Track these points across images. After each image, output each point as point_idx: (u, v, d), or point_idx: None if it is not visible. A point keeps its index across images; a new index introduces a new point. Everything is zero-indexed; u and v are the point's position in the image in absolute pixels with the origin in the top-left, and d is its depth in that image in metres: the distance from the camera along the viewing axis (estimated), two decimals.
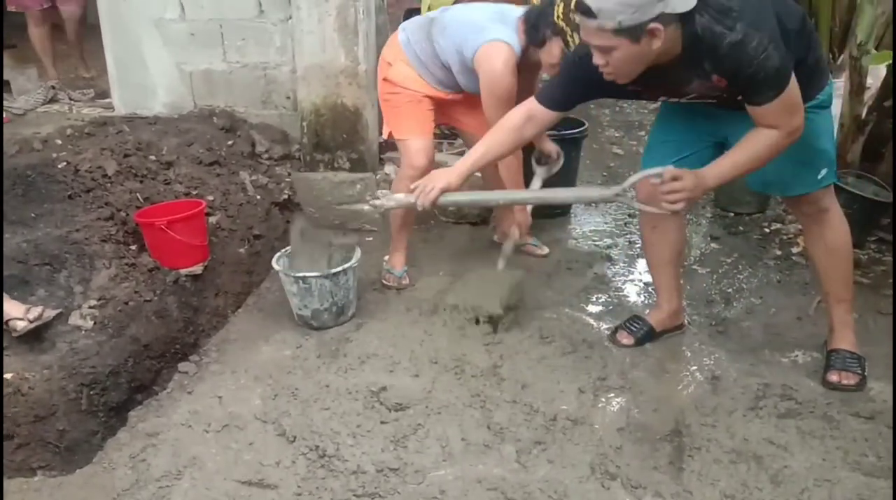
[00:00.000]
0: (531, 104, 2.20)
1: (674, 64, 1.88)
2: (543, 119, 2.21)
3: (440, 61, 2.71)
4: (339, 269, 2.60)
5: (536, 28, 2.54)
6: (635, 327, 2.54)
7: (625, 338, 2.52)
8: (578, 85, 2.13)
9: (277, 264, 2.67)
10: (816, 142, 2.09)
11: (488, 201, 2.69)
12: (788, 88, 1.83)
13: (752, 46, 1.76)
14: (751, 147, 1.94)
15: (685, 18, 1.78)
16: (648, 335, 2.52)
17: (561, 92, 2.18)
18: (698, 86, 1.95)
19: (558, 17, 2.44)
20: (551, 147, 3.01)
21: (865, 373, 2.27)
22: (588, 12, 1.76)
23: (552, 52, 2.53)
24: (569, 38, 2.42)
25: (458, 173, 2.22)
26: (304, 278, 2.57)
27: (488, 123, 2.59)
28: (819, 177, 2.15)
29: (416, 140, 2.81)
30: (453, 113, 2.98)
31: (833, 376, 2.26)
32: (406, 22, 2.91)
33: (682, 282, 2.64)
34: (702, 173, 1.98)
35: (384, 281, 2.97)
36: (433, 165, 2.93)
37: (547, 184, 2.97)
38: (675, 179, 1.96)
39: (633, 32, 1.76)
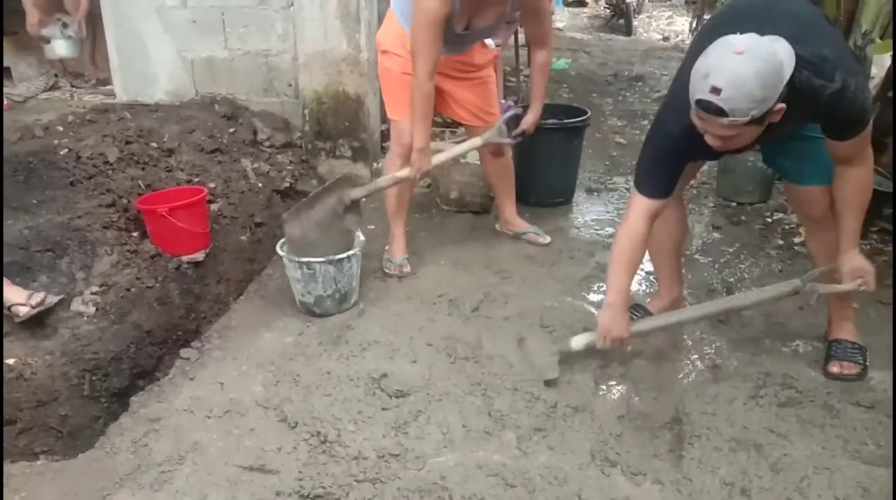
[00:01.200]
0: (646, 206, 2.10)
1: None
2: (661, 208, 2.14)
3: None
4: (344, 255, 2.60)
5: None
6: (636, 316, 2.53)
7: None
8: (680, 158, 2.07)
9: (282, 249, 2.67)
10: None
11: (676, 324, 2.42)
12: (870, 122, 1.87)
13: (850, 92, 1.77)
14: (856, 197, 2.02)
15: None
16: None
17: (667, 175, 2.10)
18: (790, 128, 1.94)
19: None
20: (529, 119, 2.93)
21: (867, 363, 2.28)
22: (720, 113, 1.70)
23: None
24: None
25: (622, 309, 2.18)
26: (308, 264, 2.57)
27: (411, 39, 2.52)
28: (829, 168, 2.10)
29: (406, 123, 2.78)
30: (452, 101, 2.95)
31: (834, 367, 2.27)
32: None
33: (683, 271, 2.64)
34: (848, 249, 2.06)
35: (385, 269, 2.97)
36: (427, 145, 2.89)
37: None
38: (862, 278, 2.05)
39: (762, 118, 1.72)
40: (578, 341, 2.31)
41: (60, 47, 4.35)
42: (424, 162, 2.71)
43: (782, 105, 1.72)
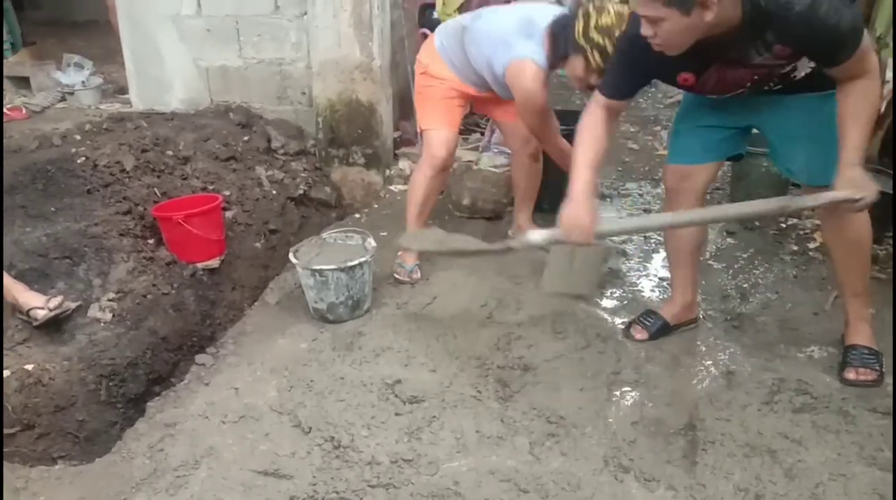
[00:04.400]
0: (602, 101, 2.14)
1: (731, 37, 1.81)
2: (619, 108, 2.18)
3: (473, 68, 2.76)
4: (356, 262, 2.61)
5: (559, 44, 2.55)
6: (649, 322, 2.53)
7: (639, 333, 2.52)
8: (636, 67, 2.06)
9: (294, 257, 2.69)
10: None
11: (647, 228, 2.41)
12: (864, 38, 1.77)
13: (822, 11, 1.70)
14: (860, 109, 1.86)
15: None
16: (662, 330, 2.52)
17: (622, 79, 2.13)
18: (758, 60, 1.88)
19: (578, 34, 2.44)
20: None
21: (884, 369, 2.25)
22: None
23: (575, 67, 2.52)
24: (589, 57, 2.42)
25: (588, 198, 2.08)
26: (320, 272, 2.58)
27: (530, 130, 2.75)
28: None
29: (440, 131, 2.86)
30: (489, 104, 3.02)
31: (850, 374, 2.24)
32: (441, 27, 2.96)
33: (698, 277, 2.63)
34: (849, 164, 1.87)
35: (396, 275, 2.98)
36: (453, 157, 2.97)
37: None
38: (858, 198, 1.88)
39: (684, 4, 1.70)
40: (538, 235, 2.22)
41: (86, 97, 4.41)
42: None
43: None
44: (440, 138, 2.85)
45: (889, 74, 3.42)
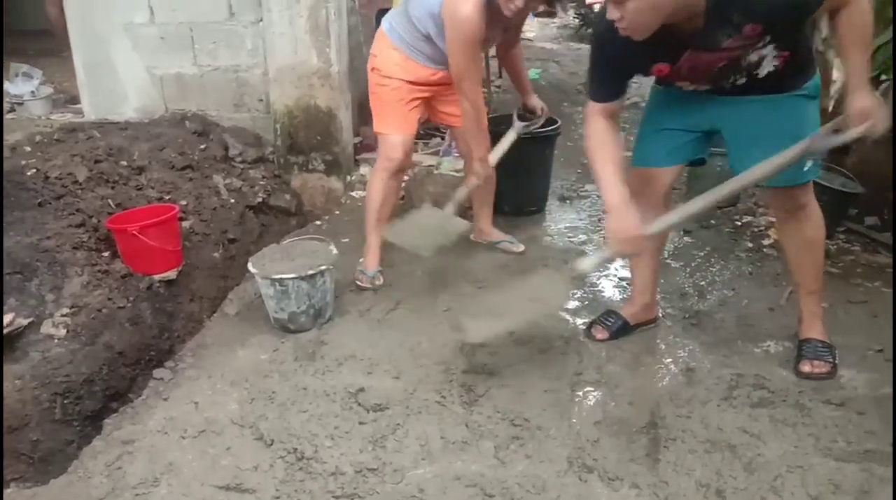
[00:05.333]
0: (597, 108, 2.14)
1: (698, 23, 1.84)
2: (615, 110, 2.17)
3: (420, 33, 2.73)
4: (316, 270, 2.59)
5: None
6: (610, 322, 2.56)
7: (599, 333, 2.55)
8: (615, 63, 2.06)
9: (253, 267, 2.65)
10: (805, 132, 2.06)
11: (694, 213, 2.39)
12: None
13: None
14: (855, 34, 1.87)
15: None
16: (623, 329, 2.55)
17: (606, 80, 2.14)
18: (730, 43, 1.90)
19: None
20: (537, 103, 3.15)
21: (836, 361, 2.31)
22: None
23: None
24: None
25: (623, 201, 2.06)
26: (280, 281, 2.56)
27: (453, 68, 2.63)
28: (804, 169, 2.13)
29: (395, 135, 2.86)
30: (441, 106, 3.01)
31: (805, 367, 2.30)
32: (387, 13, 2.96)
33: (657, 278, 2.66)
34: (856, 88, 1.88)
35: (357, 282, 2.97)
36: (409, 159, 2.96)
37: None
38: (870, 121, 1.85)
39: None
40: (588, 263, 2.24)
41: (36, 107, 4.30)
42: (487, 169, 2.93)
43: None
44: (395, 141, 2.85)
45: (835, 74, 3.52)
